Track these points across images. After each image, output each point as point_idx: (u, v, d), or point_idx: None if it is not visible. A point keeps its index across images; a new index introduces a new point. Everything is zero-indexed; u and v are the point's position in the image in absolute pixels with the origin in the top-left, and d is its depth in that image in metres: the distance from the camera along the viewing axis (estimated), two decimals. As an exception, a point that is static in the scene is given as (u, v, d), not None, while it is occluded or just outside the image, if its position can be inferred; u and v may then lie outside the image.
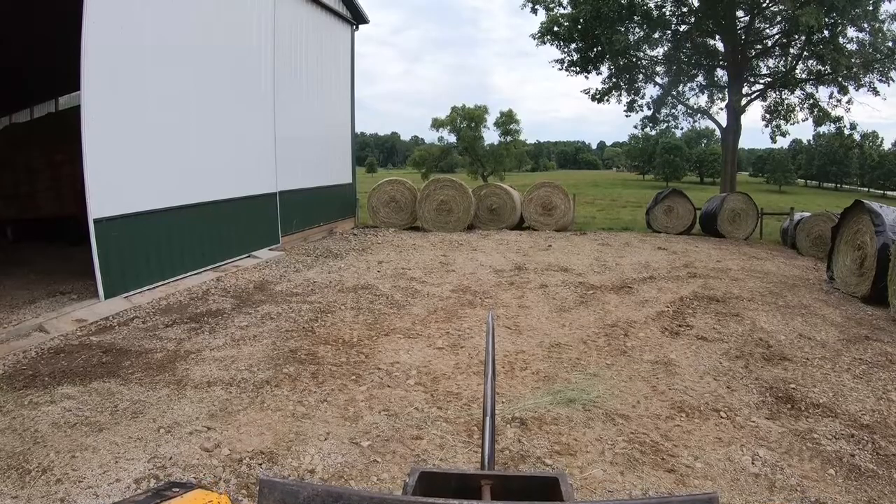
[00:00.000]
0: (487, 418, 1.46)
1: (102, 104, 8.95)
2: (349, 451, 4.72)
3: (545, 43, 30.47)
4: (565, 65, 30.94)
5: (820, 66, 27.30)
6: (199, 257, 11.46)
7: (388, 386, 6.14)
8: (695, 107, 32.33)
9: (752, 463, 4.61)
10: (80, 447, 4.68)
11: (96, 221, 8.85)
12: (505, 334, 7.93)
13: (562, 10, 29.78)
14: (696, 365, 6.84)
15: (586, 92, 32.02)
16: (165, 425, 5.09)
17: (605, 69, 31.01)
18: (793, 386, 6.23)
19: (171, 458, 4.53)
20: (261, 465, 4.48)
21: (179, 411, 5.39)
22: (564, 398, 5.76)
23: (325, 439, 4.90)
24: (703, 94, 32.09)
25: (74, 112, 9.53)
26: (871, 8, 24.78)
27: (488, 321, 1.89)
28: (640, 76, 31.46)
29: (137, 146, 9.72)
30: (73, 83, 8.85)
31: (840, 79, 26.88)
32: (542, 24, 30.14)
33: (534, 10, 30.09)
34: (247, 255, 13.18)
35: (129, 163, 9.52)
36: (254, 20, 13.38)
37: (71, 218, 13.05)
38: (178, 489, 1.19)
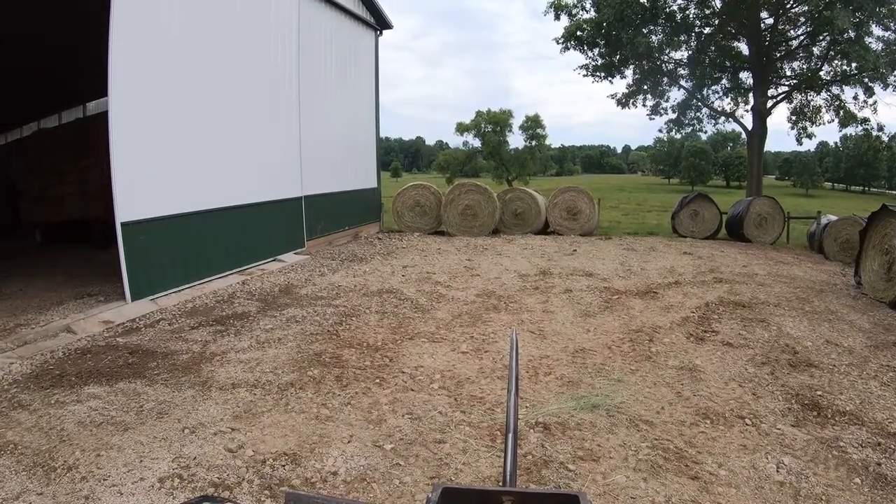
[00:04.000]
0: (510, 435, 1.46)
1: (129, 109, 9.08)
2: (372, 454, 4.73)
3: (569, 48, 30.42)
4: (590, 70, 30.87)
5: (846, 67, 26.98)
6: (224, 260, 11.56)
7: (412, 390, 6.15)
8: (720, 110, 32.11)
9: (777, 471, 4.55)
10: (105, 446, 4.74)
11: (123, 225, 8.97)
12: (529, 339, 7.91)
13: (585, 15, 29.73)
14: (722, 371, 6.77)
15: (613, 97, 32.00)
16: (190, 426, 5.13)
17: (629, 73, 30.92)
18: (819, 393, 6.15)
19: (195, 458, 4.57)
20: (284, 466, 4.50)
21: (204, 412, 5.44)
22: (588, 403, 5.73)
23: (349, 442, 4.92)
24: (727, 96, 31.86)
25: (102, 117, 9.66)
26: None
27: (512, 338, 1.88)
28: (665, 79, 31.28)
29: (164, 151, 9.85)
30: (101, 89, 8.97)
31: (866, 79, 26.56)
32: (565, 28, 30.10)
33: (557, 17, 30.06)
34: (272, 258, 13.27)
35: (155, 167, 9.64)
36: (279, 26, 13.49)
37: (98, 221, 13.25)
38: None
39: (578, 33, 29.83)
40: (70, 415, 5.35)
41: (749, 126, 29.41)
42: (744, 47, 29.34)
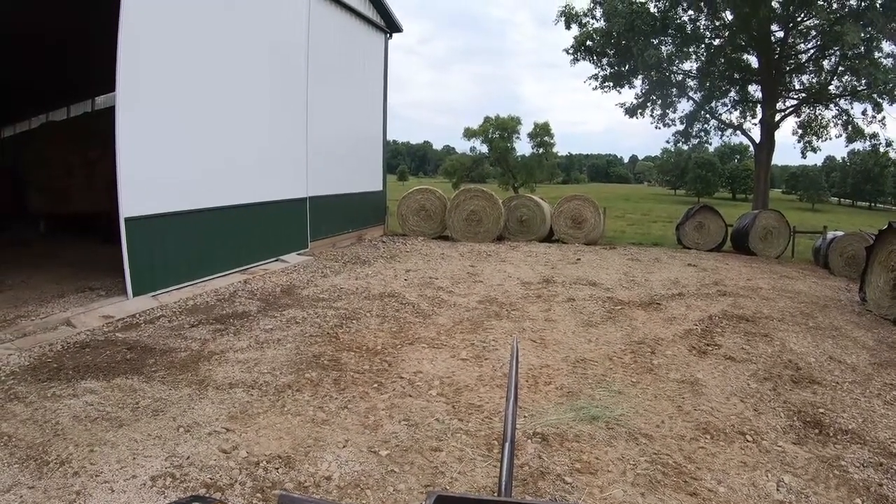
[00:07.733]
0: (507, 444, 1.43)
1: (136, 105, 9.06)
2: (367, 460, 4.68)
3: (578, 59, 30.48)
4: (599, 80, 30.88)
5: (855, 82, 26.88)
6: (227, 259, 11.54)
7: (410, 395, 6.10)
8: (727, 122, 32.04)
9: (777, 489, 4.50)
10: (99, 441, 4.72)
11: (127, 220, 8.96)
12: (530, 348, 7.86)
13: (595, 24, 29.74)
14: (723, 385, 6.71)
15: (622, 105, 31.97)
16: (185, 424, 5.10)
17: (638, 83, 30.90)
18: (821, 410, 6.09)
19: (188, 457, 4.54)
20: (277, 469, 4.46)
21: (200, 411, 5.41)
22: (588, 415, 5.68)
23: (344, 447, 4.88)
24: (736, 109, 31.78)
25: (110, 112, 9.67)
26: None
27: (513, 346, 1.84)
28: (674, 90, 31.22)
29: (170, 147, 9.84)
30: (110, 83, 8.97)
31: (875, 95, 26.44)
32: (575, 38, 30.11)
33: (567, 26, 30.05)
34: (275, 258, 13.24)
35: (161, 163, 9.63)
36: (288, 26, 13.49)
37: (103, 215, 13.24)
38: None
39: (588, 43, 29.85)
40: (65, 409, 5.33)
41: (757, 139, 29.34)
42: (753, 60, 29.29)
